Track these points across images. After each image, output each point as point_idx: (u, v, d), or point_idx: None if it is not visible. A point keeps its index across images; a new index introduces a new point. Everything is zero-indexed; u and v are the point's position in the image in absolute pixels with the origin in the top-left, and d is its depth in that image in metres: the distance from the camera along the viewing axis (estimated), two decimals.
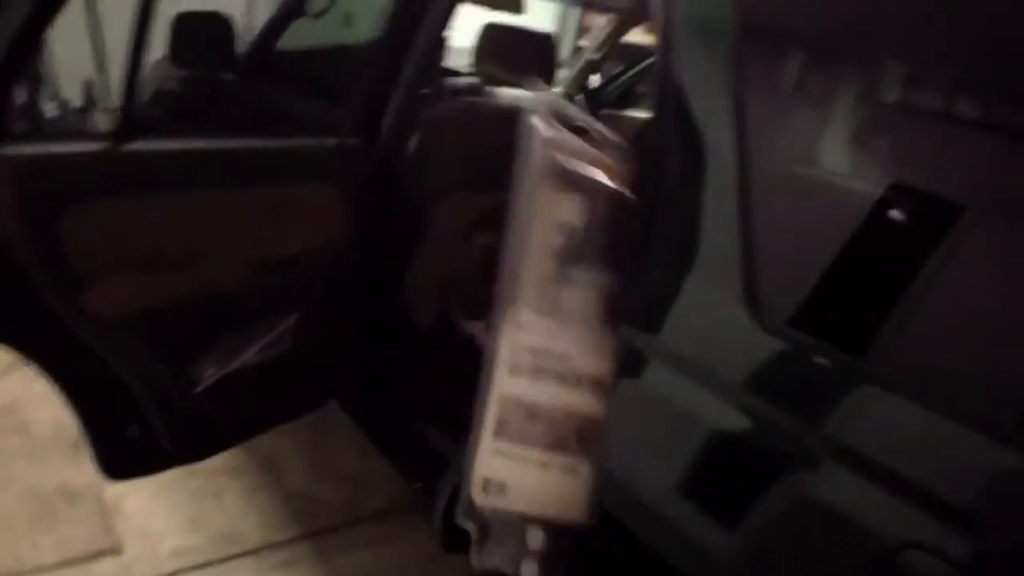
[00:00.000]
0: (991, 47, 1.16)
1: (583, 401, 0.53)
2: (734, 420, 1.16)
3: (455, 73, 2.74)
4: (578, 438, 0.53)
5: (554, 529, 0.52)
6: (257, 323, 1.69)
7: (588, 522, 0.53)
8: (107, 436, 1.60)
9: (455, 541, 1.87)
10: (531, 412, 0.54)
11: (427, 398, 1.98)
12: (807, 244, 1.33)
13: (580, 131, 0.64)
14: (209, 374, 1.61)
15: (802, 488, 1.09)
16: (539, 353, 0.55)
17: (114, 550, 2.21)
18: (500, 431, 0.55)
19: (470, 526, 0.55)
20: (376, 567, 2.31)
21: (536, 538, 0.51)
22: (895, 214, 1.29)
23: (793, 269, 1.32)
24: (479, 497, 0.53)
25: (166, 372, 1.57)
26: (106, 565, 2.16)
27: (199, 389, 1.61)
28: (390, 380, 2.02)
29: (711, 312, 1.26)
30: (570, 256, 0.58)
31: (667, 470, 1.20)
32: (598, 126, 0.64)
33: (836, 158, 1.52)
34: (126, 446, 1.62)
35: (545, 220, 0.60)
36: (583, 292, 0.57)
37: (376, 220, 1.83)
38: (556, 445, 0.53)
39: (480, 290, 2.09)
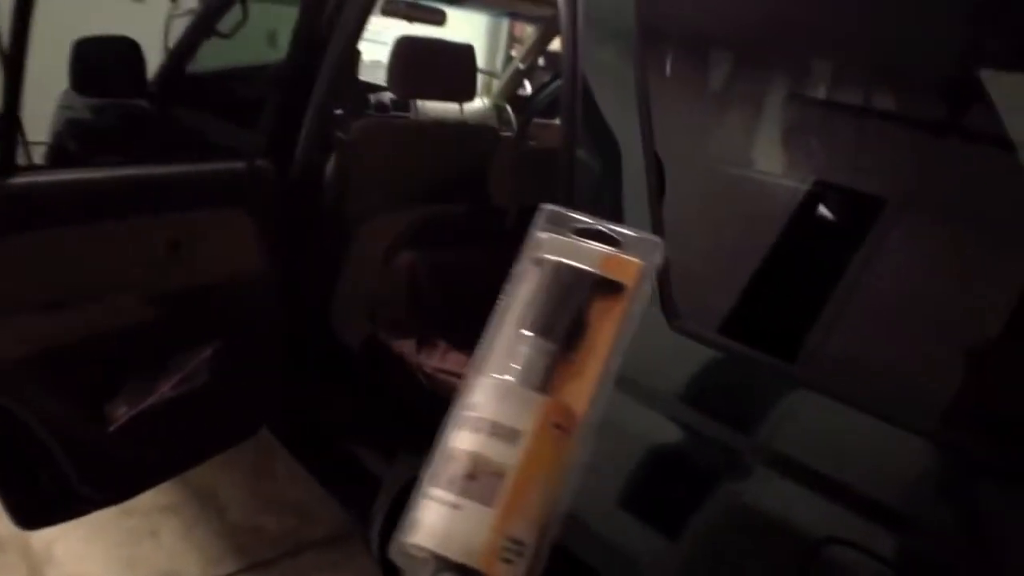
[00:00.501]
0: (899, 41, 1.17)
1: (497, 450, 0.58)
2: (660, 429, 1.14)
3: (379, 88, 2.71)
4: (485, 484, 0.57)
5: (463, 570, 0.53)
6: (171, 357, 1.63)
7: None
8: (16, 485, 1.53)
9: (394, 566, 1.82)
10: (448, 456, 0.58)
11: (359, 421, 1.94)
12: (722, 244, 1.33)
13: (597, 235, 0.68)
14: (121, 413, 1.55)
15: (730, 494, 1.08)
16: (465, 406, 0.60)
17: None
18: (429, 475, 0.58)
19: (400, 564, 0.59)
20: None
21: None
22: (811, 210, 1.29)
23: (707, 270, 1.32)
24: (404, 535, 0.57)
25: (74, 414, 1.51)
26: None
27: (111, 429, 1.55)
28: (320, 405, 1.98)
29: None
30: (522, 324, 0.63)
31: (594, 482, 1.18)
32: (625, 229, 0.67)
33: (747, 155, 1.52)
34: (38, 493, 1.56)
35: (519, 294, 0.65)
36: (526, 355, 0.63)
37: (294, 243, 1.79)
38: (462, 488, 0.57)
39: (406, 309, 2.08)
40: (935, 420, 0.97)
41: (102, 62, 1.94)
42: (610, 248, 0.65)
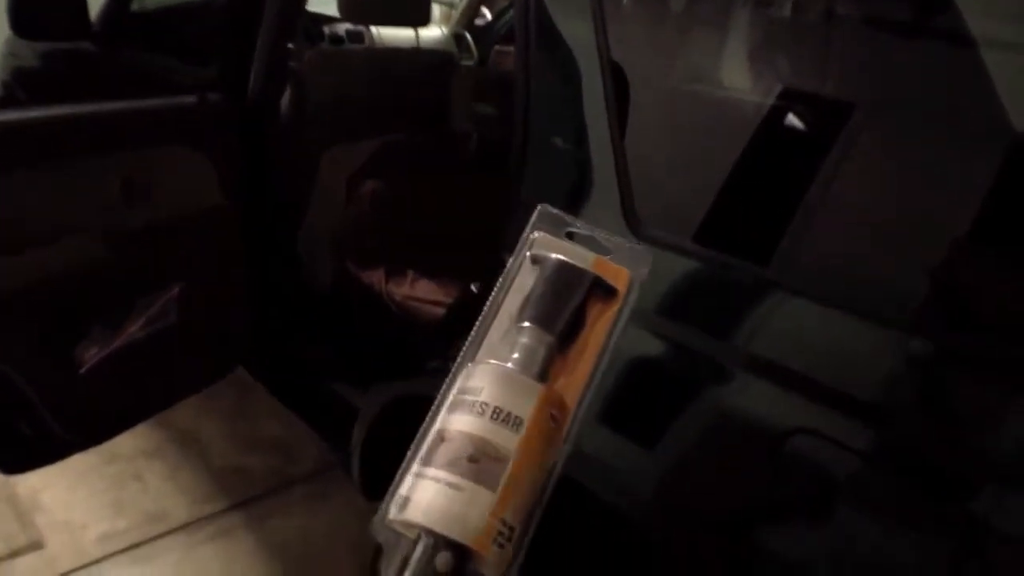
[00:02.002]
0: None
1: (500, 436, 0.60)
2: (630, 340, 1.16)
3: (333, 20, 2.65)
4: (487, 468, 0.60)
5: (457, 550, 0.56)
6: (137, 298, 1.63)
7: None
8: None
9: (378, 491, 1.87)
10: (448, 437, 0.60)
11: (332, 354, 1.95)
12: (683, 149, 1.33)
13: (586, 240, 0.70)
14: (91, 355, 1.56)
15: (704, 398, 1.10)
16: (463, 390, 0.62)
17: (35, 545, 2.16)
18: (421, 455, 0.60)
19: (383, 539, 0.60)
20: (311, 526, 2.31)
21: (443, 559, 0.55)
22: (775, 114, 1.29)
23: (668, 177, 1.32)
24: (392, 512, 0.58)
25: (44, 358, 1.51)
26: (29, 561, 2.12)
27: (84, 371, 1.55)
28: (292, 341, 1.99)
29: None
30: (521, 314, 0.64)
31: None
32: (616, 238, 0.70)
33: (708, 63, 1.52)
34: (17, 439, 1.57)
35: (515, 288, 0.67)
36: (526, 346, 0.64)
37: (253, 178, 1.77)
38: (464, 469, 0.59)
39: (371, 239, 2.08)
40: (903, 313, 0.99)
41: (41, 3, 1.88)
42: (602, 255, 0.67)
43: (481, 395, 0.58)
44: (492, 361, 0.61)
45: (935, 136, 1.09)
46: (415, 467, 0.56)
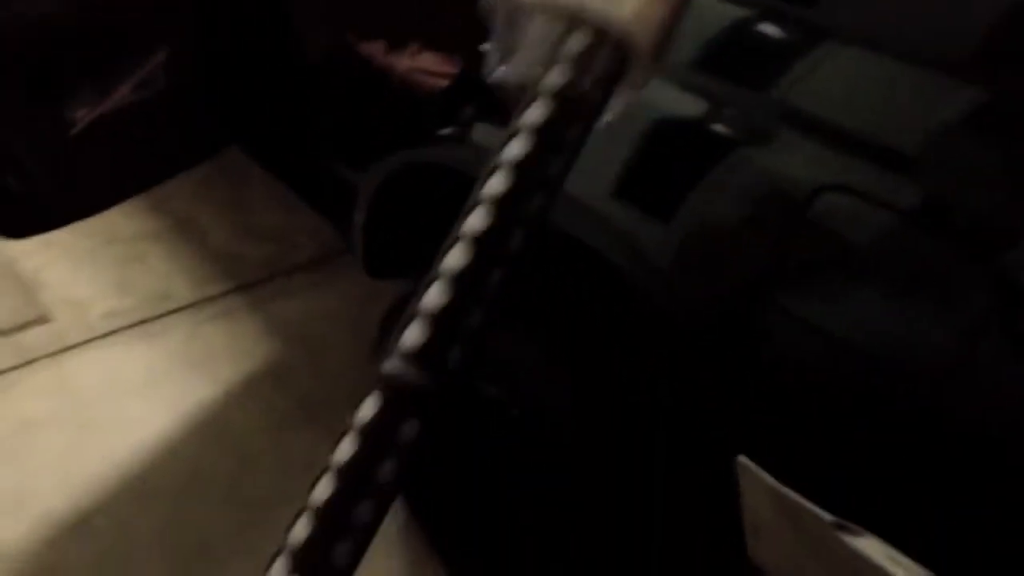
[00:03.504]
0: None
1: None
2: (670, 97, 1.09)
3: None
4: None
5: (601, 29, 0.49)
6: (124, 60, 1.54)
7: None
8: None
9: (379, 267, 1.87)
10: None
11: (329, 129, 1.88)
12: None
13: None
14: (81, 116, 1.49)
15: (739, 157, 1.05)
16: None
17: (43, 319, 2.20)
18: None
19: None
20: (312, 310, 2.34)
21: (576, 41, 0.48)
22: None
23: None
24: None
25: (33, 113, 1.44)
26: (37, 334, 2.16)
27: (74, 133, 1.49)
28: (289, 116, 1.91)
29: None
30: None
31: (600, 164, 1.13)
32: None
33: None
34: (10, 201, 1.53)
35: None
36: None
37: None
38: None
39: (372, 7, 1.94)
40: (961, 55, 0.92)
41: None
42: None
43: None
44: None
45: None
46: None
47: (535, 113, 0.49)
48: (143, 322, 2.22)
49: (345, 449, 0.49)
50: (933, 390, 0.90)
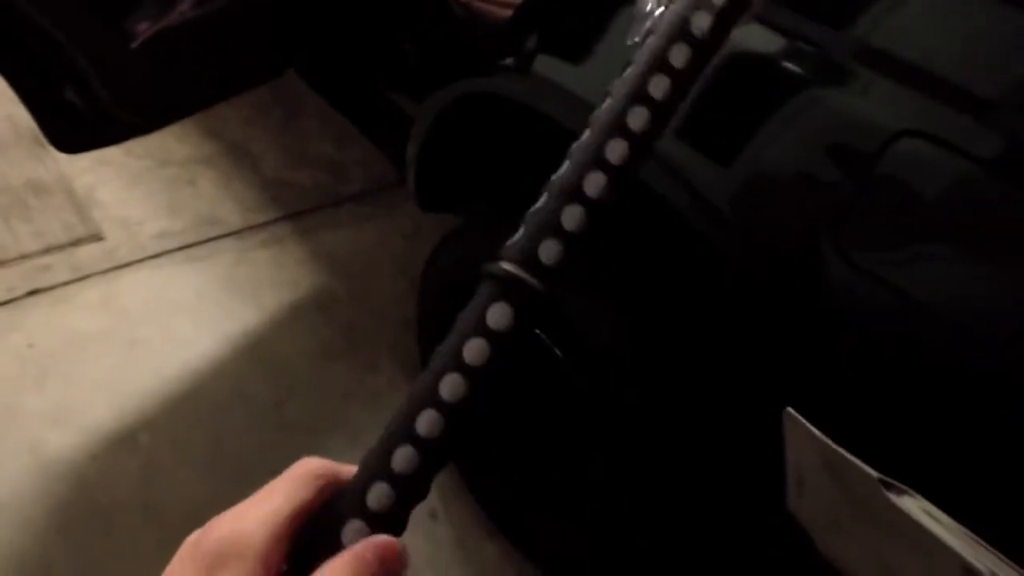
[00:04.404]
0: None
1: None
2: (746, 33, 1.04)
3: None
4: None
5: None
6: None
7: None
8: (46, 103, 1.51)
9: (431, 201, 1.86)
10: None
11: (387, 56, 1.85)
12: None
13: None
14: (143, 28, 1.48)
15: (815, 97, 1.00)
16: None
17: (95, 236, 2.23)
18: None
19: None
20: (359, 242, 2.35)
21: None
22: None
23: None
24: None
25: (94, 25, 1.43)
26: (90, 250, 2.19)
27: (135, 46, 1.48)
28: (348, 43, 1.88)
29: None
30: None
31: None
32: None
33: None
34: (69, 114, 1.54)
35: None
36: None
37: None
38: None
39: None
40: None
41: None
42: None
43: None
44: None
45: None
46: None
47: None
48: (192, 245, 2.25)
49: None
50: (1001, 354, 0.87)
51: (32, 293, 2.04)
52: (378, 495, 0.43)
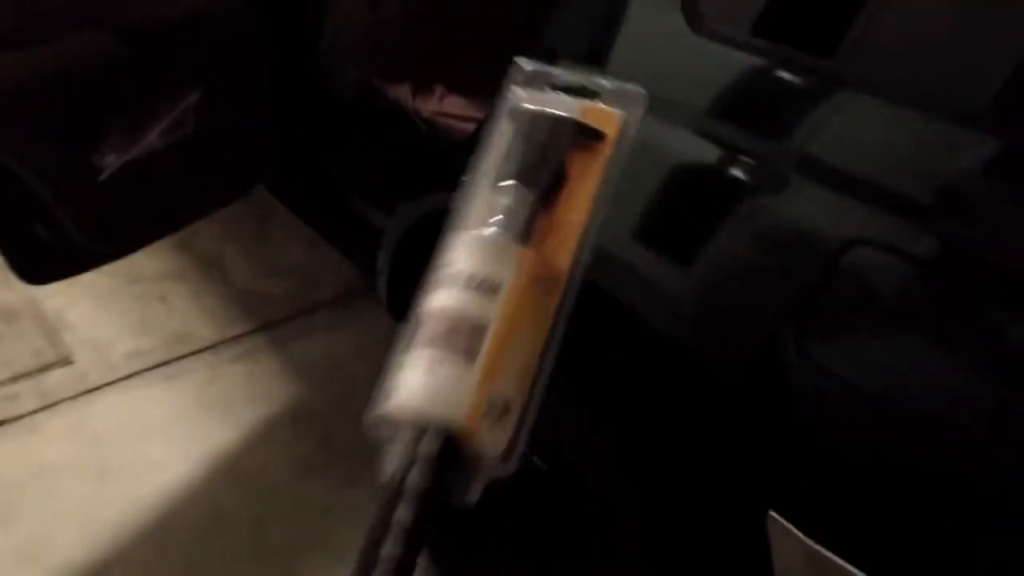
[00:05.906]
0: None
1: (477, 304, 0.54)
2: (684, 145, 1.09)
3: None
4: (466, 339, 0.54)
5: (445, 432, 0.51)
6: (152, 104, 1.55)
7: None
8: (12, 237, 1.51)
9: (404, 311, 1.85)
10: (425, 317, 0.56)
11: (356, 171, 1.89)
12: None
13: (581, 91, 0.64)
14: (110, 161, 1.50)
15: (757, 207, 1.04)
16: (440, 266, 0.56)
17: (65, 360, 2.20)
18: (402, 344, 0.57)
19: (380, 437, 0.57)
20: (334, 349, 2.33)
21: (428, 441, 0.50)
22: None
23: None
24: (380, 407, 0.55)
25: (60, 160, 1.45)
26: (59, 375, 2.16)
27: (102, 178, 1.50)
28: (314, 158, 1.92)
29: (656, 33, 1.15)
30: (500, 175, 0.61)
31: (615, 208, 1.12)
32: (605, 80, 0.64)
33: None
34: (38, 246, 1.54)
35: (494, 150, 0.63)
36: (506, 206, 0.59)
37: None
38: (442, 345, 0.54)
39: (399, 50, 1.96)
40: (980, 105, 0.90)
41: None
42: (589, 100, 0.62)
43: (455, 266, 0.54)
44: (470, 231, 0.57)
45: None
46: (400, 356, 0.54)
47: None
48: (164, 363, 2.22)
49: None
50: (965, 444, 0.88)
51: None
52: None
